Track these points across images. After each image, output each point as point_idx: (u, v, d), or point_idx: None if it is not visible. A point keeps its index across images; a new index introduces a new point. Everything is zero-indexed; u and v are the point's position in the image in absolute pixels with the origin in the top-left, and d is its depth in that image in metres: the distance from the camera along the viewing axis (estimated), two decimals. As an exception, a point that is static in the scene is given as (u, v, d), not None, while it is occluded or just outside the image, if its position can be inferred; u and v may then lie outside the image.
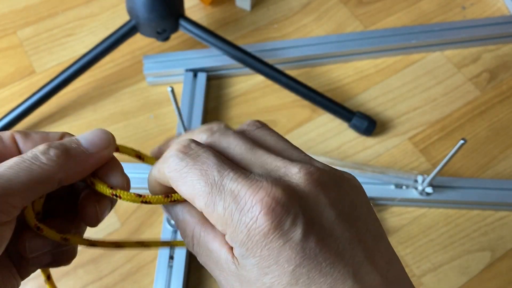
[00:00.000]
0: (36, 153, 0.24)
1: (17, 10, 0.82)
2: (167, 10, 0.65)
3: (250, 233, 0.21)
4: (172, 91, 0.52)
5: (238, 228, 0.22)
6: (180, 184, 0.23)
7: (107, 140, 0.26)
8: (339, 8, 0.82)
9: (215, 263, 0.24)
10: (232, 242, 0.22)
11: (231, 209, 0.22)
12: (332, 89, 0.73)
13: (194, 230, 0.25)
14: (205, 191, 0.22)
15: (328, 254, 0.21)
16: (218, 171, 0.23)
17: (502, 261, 0.60)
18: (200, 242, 0.24)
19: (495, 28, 0.76)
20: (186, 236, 0.25)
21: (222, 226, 0.22)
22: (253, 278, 0.22)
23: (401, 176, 0.62)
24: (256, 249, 0.21)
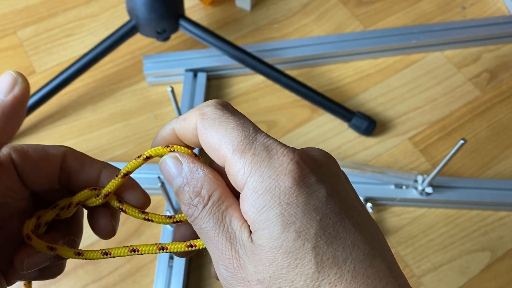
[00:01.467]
0: None
1: (17, 10, 0.82)
2: (167, 10, 0.65)
3: (279, 178, 0.22)
4: (172, 91, 0.52)
5: (265, 173, 0.22)
6: (212, 131, 0.23)
7: (13, 80, 0.23)
8: (339, 8, 0.82)
9: (225, 232, 0.23)
10: (253, 192, 0.22)
11: (260, 155, 0.22)
12: (332, 89, 0.73)
13: (219, 189, 0.24)
14: (237, 139, 0.23)
15: (349, 216, 0.22)
16: (253, 126, 0.23)
17: (502, 261, 0.60)
18: (215, 201, 0.24)
19: (495, 28, 0.76)
20: (198, 195, 0.25)
21: (245, 174, 0.22)
22: (276, 232, 0.21)
23: (401, 176, 0.62)
24: (284, 196, 0.21)
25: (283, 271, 0.21)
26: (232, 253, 0.23)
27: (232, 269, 0.22)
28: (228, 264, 0.23)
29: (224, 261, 0.23)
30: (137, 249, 0.26)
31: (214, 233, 0.23)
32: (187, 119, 0.25)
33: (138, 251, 0.26)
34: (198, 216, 0.24)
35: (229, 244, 0.23)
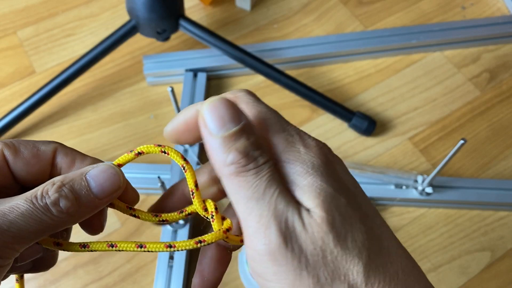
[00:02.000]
0: (46, 202, 0.23)
1: (17, 10, 0.82)
2: (167, 10, 0.65)
3: (315, 157, 0.23)
4: (172, 91, 0.52)
5: (307, 153, 0.23)
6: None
7: (117, 185, 0.25)
8: (339, 8, 0.82)
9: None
10: (305, 166, 0.22)
11: (297, 135, 0.23)
12: (332, 89, 0.73)
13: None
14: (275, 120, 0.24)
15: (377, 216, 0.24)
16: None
17: (502, 261, 0.60)
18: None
19: (495, 28, 0.76)
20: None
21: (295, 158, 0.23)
22: (332, 191, 0.22)
23: (401, 176, 0.62)
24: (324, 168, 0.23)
25: (341, 237, 0.21)
26: (292, 217, 0.21)
27: (288, 234, 0.21)
28: (285, 227, 0.21)
29: (282, 223, 0.21)
30: (144, 245, 0.26)
31: (273, 191, 0.21)
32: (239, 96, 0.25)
33: (145, 247, 0.26)
34: (256, 168, 0.21)
35: (290, 207, 0.21)
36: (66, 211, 0.23)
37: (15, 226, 0.22)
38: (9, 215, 0.22)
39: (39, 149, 0.26)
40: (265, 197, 0.21)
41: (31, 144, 0.26)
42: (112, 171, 0.25)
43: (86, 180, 0.24)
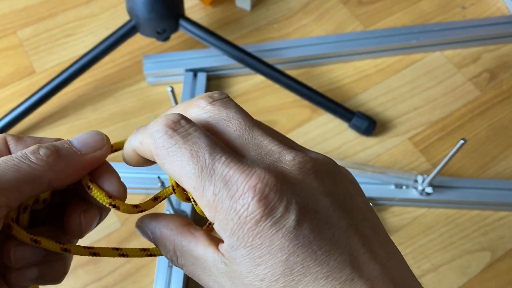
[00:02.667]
0: (25, 152, 0.23)
1: (17, 10, 0.82)
2: (167, 10, 0.65)
3: (241, 221, 0.20)
4: (172, 91, 0.52)
5: (228, 216, 0.21)
6: (167, 162, 0.22)
7: (100, 141, 0.26)
8: (339, 8, 0.82)
9: (202, 269, 0.23)
10: (221, 231, 0.21)
11: (221, 195, 0.21)
12: (332, 89, 0.73)
13: (175, 242, 0.24)
14: (195, 174, 0.21)
15: (323, 242, 0.20)
16: (209, 153, 0.21)
17: (502, 261, 0.60)
18: (184, 253, 0.24)
19: (495, 28, 0.76)
20: (168, 252, 0.25)
21: (211, 213, 0.21)
22: (245, 271, 0.21)
23: (401, 176, 0.62)
24: (248, 238, 0.20)
25: None
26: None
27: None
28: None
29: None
30: (126, 254, 0.26)
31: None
32: (143, 143, 0.25)
33: (127, 256, 0.26)
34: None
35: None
36: (46, 159, 0.23)
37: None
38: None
39: (42, 139, 0.26)
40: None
41: (34, 136, 0.26)
42: (94, 131, 0.26)
43: (68, 140, 0.25)
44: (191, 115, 0.25)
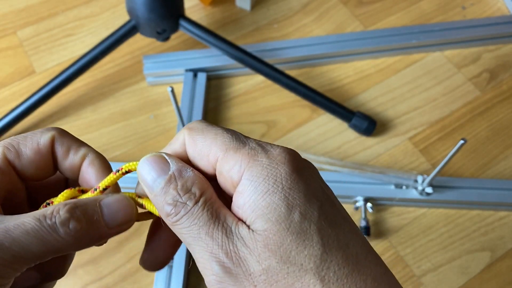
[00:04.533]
0: (55, 222, 0.22)
1: (17, 10, 0.82)
2: (167, 10, 0.65)
3: (279, 166, 0.22)
4: (172, 91, 0.52)
5: (264, 162, 0.22)
6: (201, 138, 0.24)
7: (130, 215, 0.25)
8: (339, 8, 0.82)
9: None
10: (255, 179, 0.22)
11: (256, 150, 0.23)
12: (332, 89, 0.73)
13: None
14: (228, 140, 0.23)
15: (340, 210, 0.23)
16: (241, 134, 0.24)
17: (502, 261, 0.60)
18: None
19: (495, 28, 0.76)
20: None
21: (242, 167, 0.22)
22: (283, 215, 0.21)
23: (401, 176, 0.62)
24: (285, 182, 0.22)
25: (292, 254, 0.21)
26: (230, 246, 0.21)
27: (230, 263, 0.21)
28: (225, 259, 0.21)
29: (220, 256, 0.21)
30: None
31: (207, 229, 0.22)
32: (173, 143, 0.25)
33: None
34: (187, 214, 0.22)
35: (225, 237, 0.22)
36: (74, 234, 0.23)
37: (17, 244, 0.21)
38: (13, 231, 0.21)
39: (38, 143, 0.26)
40: (201, 238, 0.22)
41: (30, 140, 0.26)
42: (126, 202, 0.25)
43: (100, 206, 0.24)
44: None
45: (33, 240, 0.22)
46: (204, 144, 0.23)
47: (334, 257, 0.21)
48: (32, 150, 0.26)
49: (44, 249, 0.22)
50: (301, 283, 0.21)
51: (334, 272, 0.21)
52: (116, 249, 0.60)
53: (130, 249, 0.60)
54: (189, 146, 0.24)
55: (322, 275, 0.21)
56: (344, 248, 0.21)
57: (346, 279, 0.21)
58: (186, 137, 0.24)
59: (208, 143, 0.23)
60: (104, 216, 0.24)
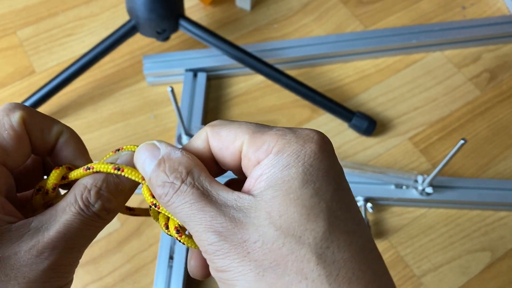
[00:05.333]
0: (94, 211, 0.24)
1: (17, 10, 0.82)
2: (167, 10, 0.65)
3: (305, 144, 0.22)
4: (172, 91, 0.52)
5: (292, 139, 0.22)
6: (225, 129, 0.24)
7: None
8: (339, 8, 0.82)
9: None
10: (280, 154, 0.22)
11: (284, 130, 0.23)
12: (332, 89, 0.73)
13: None
14: (253, 126, 0.24)
15: (353, 199, 0.23)
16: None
17: (502, 261, 0.60)
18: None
19: (495, 28, 0.76)
20: None
21: (270, 146, 0.22)
22: (295, 187, 0.21)
23: (401, 176, 0.62)
24: (308, 159, 0.22)
25: (293, 225, 0.20)
26: (225, 217, 0.21)
27: (225, 231, 0.21)
28: (220, 228, 0.21)
29: (215, 226, 0.21)
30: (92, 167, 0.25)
31: (199, 205, 0.22)
32: (193, 141, 0.25)
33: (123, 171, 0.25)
34: (176, 193, 0.23)
35: (220, 211, 0.22)
36: (113, 211, 0.25)
37: (77, 240, 0.24)
38: (66, 233, 0.23)
39: (13, 127, 0.25)
40: (194, 213, 0.22)
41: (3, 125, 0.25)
42: (131, 157, 0.26)
43: (117, 177, 0.25)
44: None
45: (85, 232, 0.24)
46: (229, 133, 0.24)
47: (336, 239, 0.20)
48: (10, 136, 0.25)
49: (95, 231, 0.25)
50: (295, 256, 0.20)
51: (333, 253, 0.20)
52: (116, 249, 0.60)
53: (130, 249, 0.60)
54: (213, 139, 0.24)
55: (320, 252, 0.20)
56: (350, 233, 0.21)
57: (344, 263, 0.20)
58: (209, 132, 0.24)
59: (233, 132, 0.24)
60: (123, 182, 0.25)
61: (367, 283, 0.20)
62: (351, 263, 0.20)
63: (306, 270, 0.20)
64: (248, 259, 0.20)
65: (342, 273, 0.20)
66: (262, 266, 0.20)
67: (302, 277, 0.20)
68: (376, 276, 0.21)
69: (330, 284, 0.20)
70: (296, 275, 0.20)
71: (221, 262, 0.21)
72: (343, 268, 0.20)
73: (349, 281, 0.20)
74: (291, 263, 0.20)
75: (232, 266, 0.21)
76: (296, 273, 0.20)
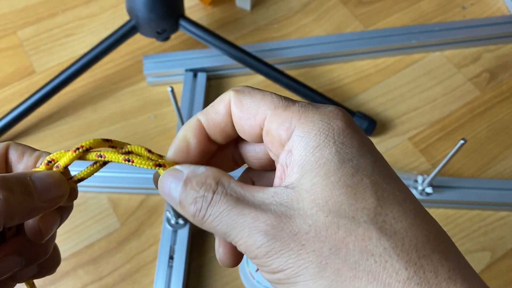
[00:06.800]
0: None
1: (17, 10, 0.82)
2: (167, 10, 0.65)
3: (331, 121, 0.21)
4: (172, 91, 0.52)
5: (316, 117, 0.22)
6: (248, 98, 0.24)
7: (62, 191, 0.25)
8: (339, 8, 0.82)
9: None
10: (306, 134, 0.21)
11: (307, 107, 0.22)
12: (332, 89, 0.73)
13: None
14: (277, 100, 0.23)
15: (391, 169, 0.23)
16: None
17: (502, 261, 0.60)
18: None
19: (495, 28, 0.76)
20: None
21: (292, 124, 0.22)
22: (333, 168, 0.20)
23: (401, 176, 0.62)
24: (338, 137, 0.21)
25: (342, 207, 0.20)
26: (268, 214, 0.20)
27: (271, 229, 0.20)
28: (265, 227, 0.20)
29: (260, 227, 0.20)
30: (132, 160, 0.25)
31: (237, 211, 0.21)
32: (216, 104, 0.24)
33: (133, 162, 0.25)
34: (210, 205, 0.22)
35: (260, 210, 0.21)
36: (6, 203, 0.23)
37: None
38: None
39: (41, 153, 0.26)
40: (234, 220, 0.21)
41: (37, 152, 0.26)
42: (58, 177, 0.25)
43: (31, 180, 0.24)
44: None
45: None
46: (251, 104, 0.23)
47: (389, 211, 0.20)
48: (34, 158, 0.26)
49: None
50: (354, 236, 0.19)
51: (391, 225, 0.20)
52: (116, 249, 0.60)
53: (130, 249, 0.60)
54: (235, 107, 0.24)
55: (378, 227, 0.19)
56: (401, 203, 0.20)
57: (406, 232, 0.20)
58: (232, 98, 0.24)
59: (256, 103, 0.23)
60: (36, 188, 0.24)
61: (432, 247, 0.20)
62: (412, 231, 0.20)
63: (370, 246, 0.19)
64: (305, 251, 0.20)
65: (407, 241, 0.19)
66: (322, 254, 0.19)
67: (368, 254, 0.19)
68: (438, 240, 0.20)
69: (398, 254, 0.19)
70: (362, 254, 0.19)
71: (276, 262, 0.20)
72: (406, 237, 0.20)
73: (416, 248, 0.19)
74: (352, 244, 0.19)
75: (289, 263, 0.20)
76: (360, 252, 0.19)
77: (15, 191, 0.23)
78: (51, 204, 0.24)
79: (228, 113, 0.24)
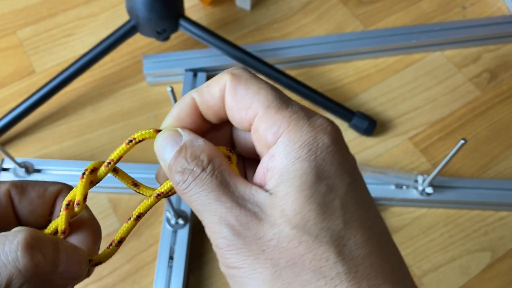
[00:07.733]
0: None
1: (17, 10, 0.82)
2: (167, 10, 0.65)
3: (318, 135, 0.21)
4: (172, 91, 0.52)
5: (304, 128, 0.22)
6: (243, 88, 0.23)
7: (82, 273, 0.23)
8: (339, 8, 0.82)
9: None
10: (291, 144, 0.21)
11: (299, 114, 0.22)
12: (332, 89, 0.73)
13: None
14: (271, 97, 0.23)
15: (368, 193, 0.23)
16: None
17: (503, 261, 0.60)
18: None
19: (495, 28, 0.76)
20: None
21: (280, 129, 0.22)
22: (309, 183, 0.21)
23: (401, 176, 0.62)
24: (321, 153, 0.21)
25: (308, 224, 0.20)
26: (241, 210, 0.21)
27: (239, 225, 0.21)
28: (234, 221, 0.21)
29: (229, 219, 0.21)
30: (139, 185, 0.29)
31: (215, 195, 0.21)
32: (211, 85, 0.24)
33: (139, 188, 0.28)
34: (194, 180, 0.22)
35: (236, 202, 0.21)
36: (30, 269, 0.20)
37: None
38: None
39: (46, 189, 0.25)
40: (210, 203, 0.22)
41: (39, 184, 0.25)
42: (82, 255, 0.23)
43: (60, 249, 0.22)
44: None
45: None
46: (245, 96, 0.23)
47: (353, 236, 0.20)
48: (38, 193, 0.25)
49: None
50: (313, 254, 0.20)
51: (350, 251, 0.20)
52: (116, 249, 0.60)
53: (130, 250, 0.60)
54: (229, 95, 0.23)
55: (338, 250, 0.20)
56: (366, 229, 0.21)
57: (363, 259, 0.20)
58: (228, 83, 0.23)
59: (249, 96, 0.23)
60: (61, 262, 0.22)
61: (385, 277, 0.20)
62: (369, 259, 0.20)
63: (324, 268, 0.20)
64: (264, 257, 0.20)
65: (361, 269, 0.20)
66: (278, 265, 0.20)
67: (320, 276, 0.20)
68: (393, 270, 0.21)
69: (349, 281, 0.19)
70: (314, 274, 0.20)
71: (234, 258, 0.21)
72: (362, 264, 0.20)
73: (368, 277, 0.20)
74: (308, 262, 0.20)
75: (246, 263, 0.20)
76: (314, 271, 0.20)
77: (47, 258, 0.21)
78: (66, 282, 0.22)
79: (222, 98, 0.24)
